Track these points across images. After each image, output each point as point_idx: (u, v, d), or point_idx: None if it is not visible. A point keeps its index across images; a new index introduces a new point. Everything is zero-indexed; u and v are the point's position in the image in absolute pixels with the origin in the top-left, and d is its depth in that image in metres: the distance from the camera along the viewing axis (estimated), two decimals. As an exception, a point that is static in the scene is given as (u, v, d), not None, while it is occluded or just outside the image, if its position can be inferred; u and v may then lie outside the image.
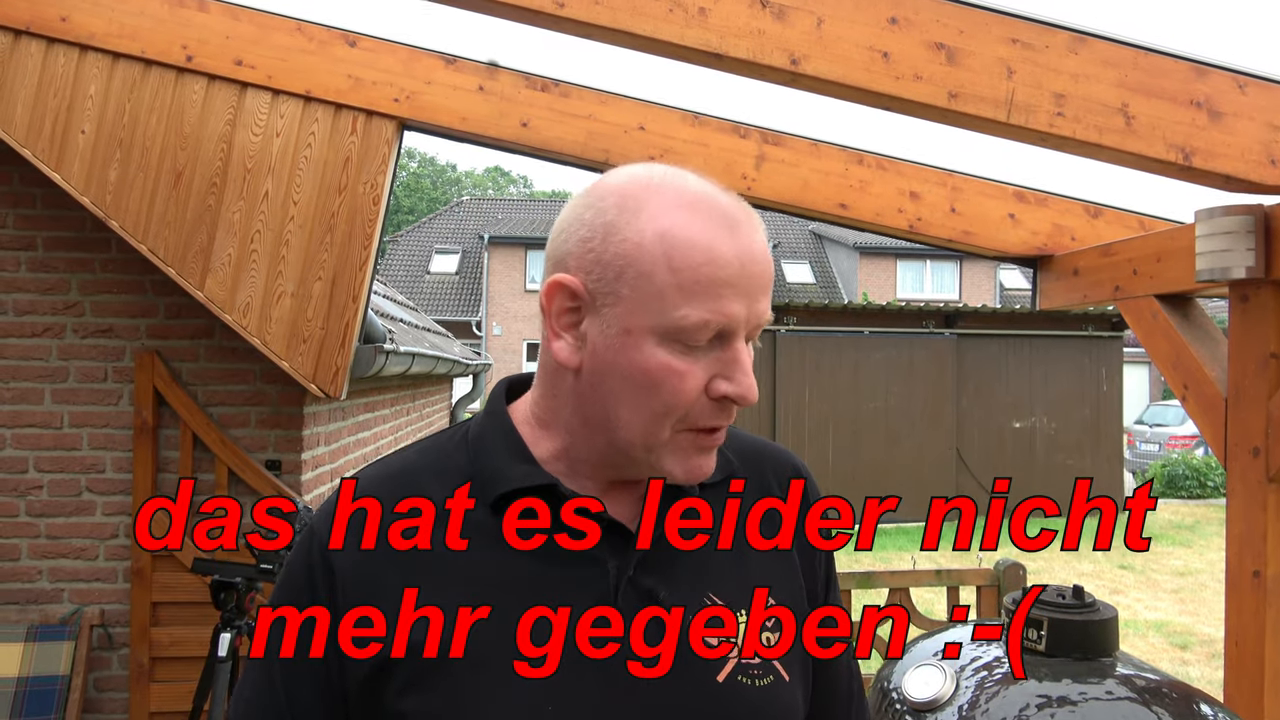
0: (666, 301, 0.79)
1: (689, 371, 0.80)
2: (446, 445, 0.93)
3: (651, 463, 0.84)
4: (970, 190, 2.86)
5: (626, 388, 0.82)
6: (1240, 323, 2.11)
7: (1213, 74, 1.83)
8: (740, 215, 0.83)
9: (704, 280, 0.78)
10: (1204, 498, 14.39)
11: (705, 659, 0.85)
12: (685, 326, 0.79)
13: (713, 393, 0.81)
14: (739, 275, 0.79)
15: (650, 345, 0.80)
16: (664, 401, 0.81)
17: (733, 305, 0.79)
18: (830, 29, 1.79)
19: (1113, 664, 1.37)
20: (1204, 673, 6.06)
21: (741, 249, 0.80)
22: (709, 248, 0.79)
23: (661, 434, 0.82)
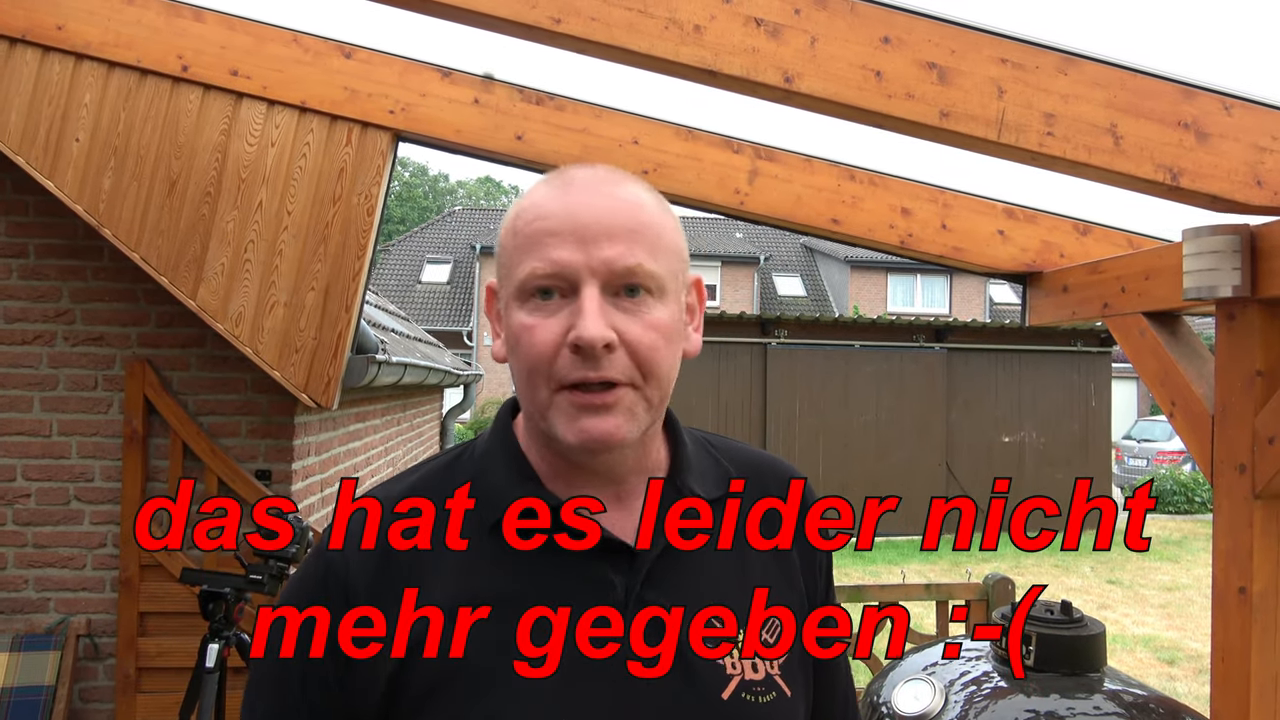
0: (513, 264, 0.85)
1: (540, 325, 0.83)
2: (451, 464, 0.94)
3: (550, 433, 0.85)
4: (961, 207, 2.88)
5: (513, 359, 0.86)
6: (1227, 341, 2.13)
7: (1200, 95, 1.86)
8: (581, 177, 0.86)
9: (533, 234, 0.83)
10: (1191, 513, 14.45)
11: (709, 678, 0.86)
12: (523, 279, 0.83)
13: (568, 342, 0.82)
14: (564, 223, 0.82)
15: (514, 311, 0.85)
16: (527, 358, 0.83)
17: (559, 251, 0.82)
18: (824, 48, 1.81)
19: (1100, 679, 1.38)
20: (1191, 688, 6.08)
21: (570, 201, 0.84)
22: (537, 205, 0.85)
23: (539, 395, 0.84)
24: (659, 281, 0.84)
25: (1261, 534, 2.07)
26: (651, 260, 0.83)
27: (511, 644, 0.82)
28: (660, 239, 0.86)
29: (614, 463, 0.89)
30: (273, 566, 2.82)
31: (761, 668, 0.89)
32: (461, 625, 0.82)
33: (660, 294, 0.85)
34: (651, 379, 0.84)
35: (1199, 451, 2.25)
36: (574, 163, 2.83)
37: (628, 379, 0.83)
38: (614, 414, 0.83)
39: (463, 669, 0.81)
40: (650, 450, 0.92)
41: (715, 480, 0.96)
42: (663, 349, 0.84)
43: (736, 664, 0.87)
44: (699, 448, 0.98)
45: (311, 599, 0.86)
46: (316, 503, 3.82)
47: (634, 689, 0.83)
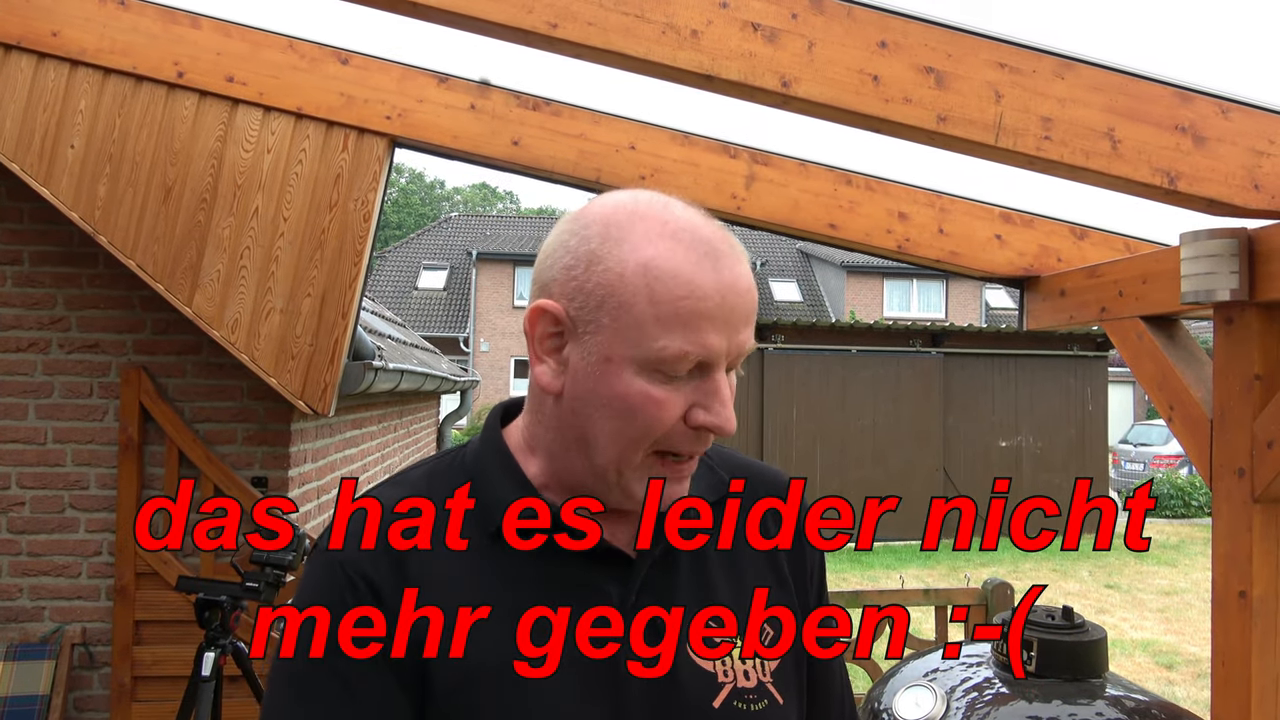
0: (646, 333, 0.80)
1: (667, 400, 0.81)
2: (444, 472, 0.93)
3: (622, 486, 0.85)
4: (958, 211, 2.88)
5: (605, 414, 0.82)
6: (1225, 344, 2.13)
7: (1197, 99, 1.86)
8: (723, 247, 0.83)
9: (684, 313, 0.79)
10: (1188, 517, 14.46)
11: (701, 686, 0.86)
12: (664, 357, 0.79)
13: (691, 421, 0.82)
14: (719, 307, 0.80)
15: (629, 374, 0.81)
16: (640, 428, 0.82)
17: (711, 337, 0.80)
18: (821, 52, 1.81)
19: (1102, 685, 1.38)
20: (1190, 692, 6.08)
21: (723, 282, 0.80)
22: (690, 280, 0.80)
23: (635, 458, 0.83)
24: None
25: (1261, 538, 2.07)
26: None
27: (510, 646, 0.82)
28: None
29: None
30: (269, 574, 2.81)
31: (754, 675, 0.89)
32: (461, 626, 0.82)
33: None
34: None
35: (1198, 456, 2.25)
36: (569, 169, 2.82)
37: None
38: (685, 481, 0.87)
39: (462, 670, 0.81)
40: None
41: (710, 485, 0.96)
42: None
43: (729, 671, 0.87)
44: None
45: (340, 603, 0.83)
46: (313, 510, 3.80)
47: (627, 697, 0.83)
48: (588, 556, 0.86)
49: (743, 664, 0.88)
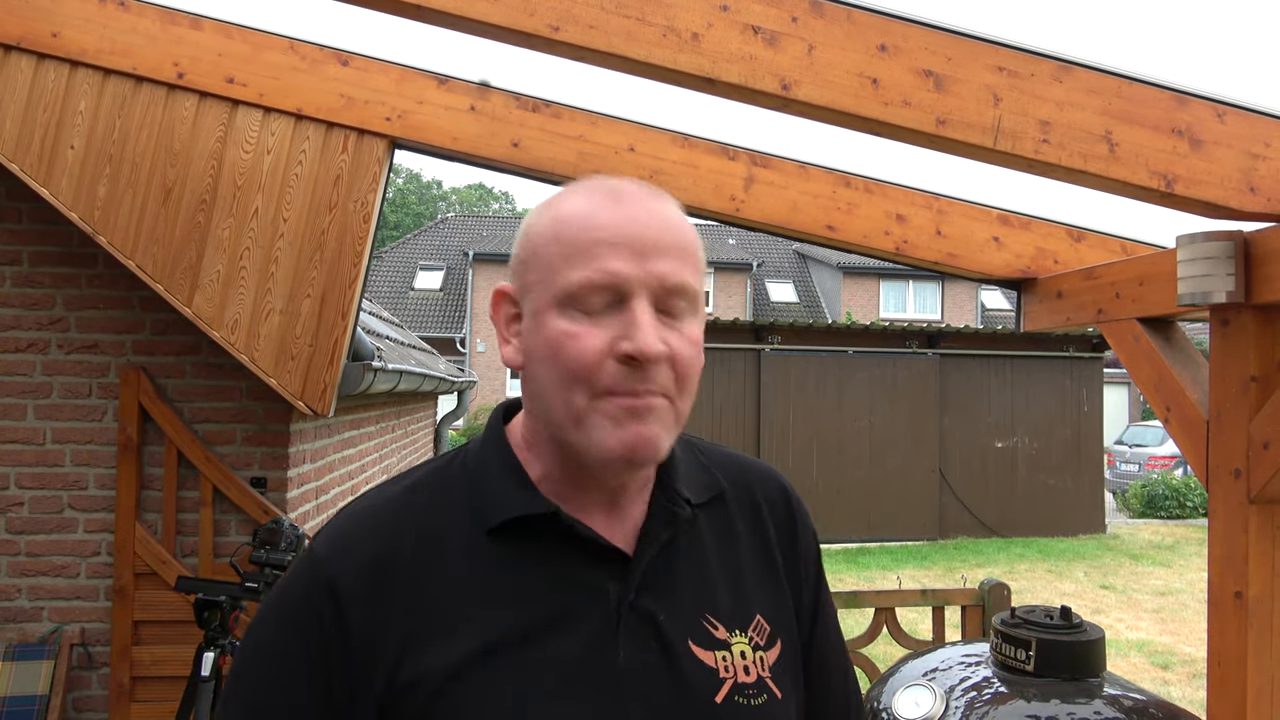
0: (555, 271, 0.83)
1: (584, 333, 0.82)
2: (444, 471, 0.93)
3: (585, 443, 0.84)
4: (955, 213, 2.89)
5: (543, 368, 0.85)
6: (1221, 346, 2.15)
7: (1193, 103, 1.87)
8: (633, 190, 0.86)
9: (584, 242, 0.82)
10: (1184, 518, 14.49)
11: (702, 681, 0.86)
12: (572, 289, 0.82)
13: (616, 353, 0.82)
14: (618, 234, 0.82)
15: (552, 318, 0.83)
16: (567, 366, 0.82)
17: (613, 262, 0.81)
18: (821, 55, 1.82)
19: (1100, 684, 1.39)
20: (1185, 692, 6.10)
21: (623, 212, 0.84)
22: (588, 214, 0.84)
23: (578, 402, 0.83)
24: (696, 298, 0.86)
25: (1257, 538, 2.08)
26: (694, 277, 0.86)
27: (513, 669, 0.82)
28: (698, 257, 0.88)
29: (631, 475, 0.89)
30: (268, 575, 2.81)
31: (754, 670, 0.89)
32: (459, 630, 0.82)
33: (695, 310, 0.87)
34: (685, 393, 0.86)
35: (1194, 457, 2.26)
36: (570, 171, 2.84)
37: (665, 391, 0.84)
38: (655, 421, 0.83)
39: (462, 674, 0.81)
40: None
41: (704, 485, 0.97)
42: (697, 365, 0.86)
43: (730, 667, 0.88)
44: (688, 453, 0.99)
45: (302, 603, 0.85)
46: (311, 510, 3.81)
47: (628, 694, 0.83)
48: (586, 554, 0.87)
49: (742, 659, 0.89)
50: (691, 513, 0.92)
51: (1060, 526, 12.44)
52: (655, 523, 0.90)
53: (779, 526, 1.00)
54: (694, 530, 0.93)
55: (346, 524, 0.89)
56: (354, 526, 0.88)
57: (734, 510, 0.98)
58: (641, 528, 0.90)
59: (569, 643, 0.83)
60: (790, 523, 1.01)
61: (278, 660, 0.85)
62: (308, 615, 0.84)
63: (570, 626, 0.84)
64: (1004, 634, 1.49)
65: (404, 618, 0.83)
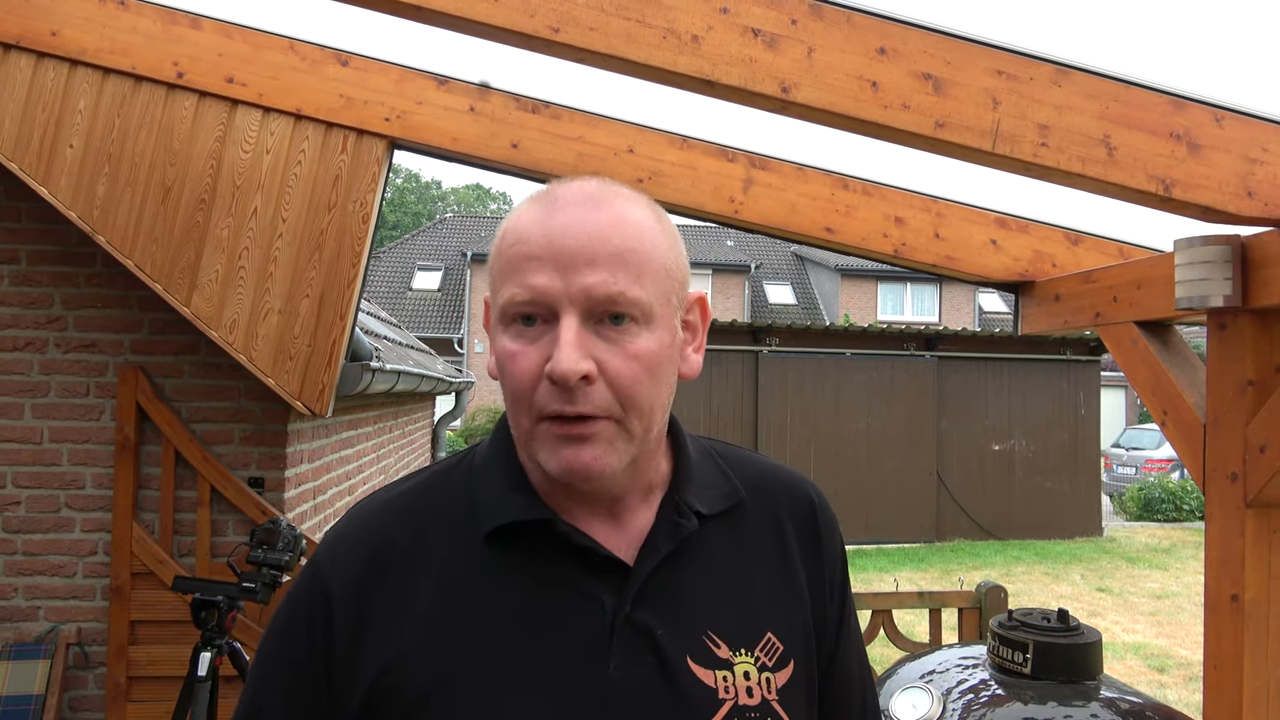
0: (495, 288, 0.83)
1: (520, 353, 0.81)
2: (450, 472, 0.93)
3: (538, 461, 0.83)
4: (953, 216, 2.90)
5: (501, 383, 0.84)
6: (1218, 350, 2.15)
7: (1191, 107, 1.88)
8: (568, 196, 0.82)
9: (514, 258, 0.81)
10: (1180, 521, 14.51)
11: (699, 701, 0.83)
12: (504, 306, 0.81)
13: (545, 373, 0.79)
14: (543, 249, 0.80)
15: (499, 335, 0.83)
16: (509, 386, 0.82)
17: (536, 278, 0.79)
18: (820, 58, 1.83)
19: (1097, 687, 1.39)
20: (1181, 695, 6.10)
21: (551, 225, 0.81)
22: (517, 229, 0.82)
23: (524, 423, 0.82)
24: (644, 308, 0.80)
25: (1254, 542, 2.09)
26: (636, 286, 0.79)
27: (507, 680, 0.80)
28: (648, 262, 0.81)
29: (603, 487, 0.86)
30: (266, 575, 2.81)
31: (758, 692, 0.85)
32: (451, 635, 0.82)
33: (647, 320, 0.81)
34: (632, 411, 0.81)
35: (1191, 460, 2.26)
36: (568, 171, 2.85)
37: (605, 412, 0.80)
38: (592, 445, 0.80)
39: (451, 679, 0.80)
40: (648, 468, 0.89)
41: (722, 494, 0.92)
42: (645, 380, 0.81)
43: (730, 687, 0.84)
44: (706, 459, 0.95)
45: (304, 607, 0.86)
46: (309, 510, 3.81)
47: (619, 709, 0.81)
48: (583, 563, 0.84)
49: (745, 680, 0.85)
50: (699, 525, 0.88)
51: (1057, 529, 12.45)
52: (658, 534, 0.87)
53: (802, 538, 0.95)
54: (702, 543, 0.89)
55: (347, 527, 0.89)
56: (353, 530, 0.88)
57: (752, 521, 0.93)
58: (645, 538, 0.87)
59: (559, 652, 0.81)
60: (814, 534, 0.96)
61: (279, 662, 0.86)
62: (304, 620, 0.85)
63: (561, 635, 0.82)
64: (1001, 636, 1.49)
65: (392, 623, 0.82)
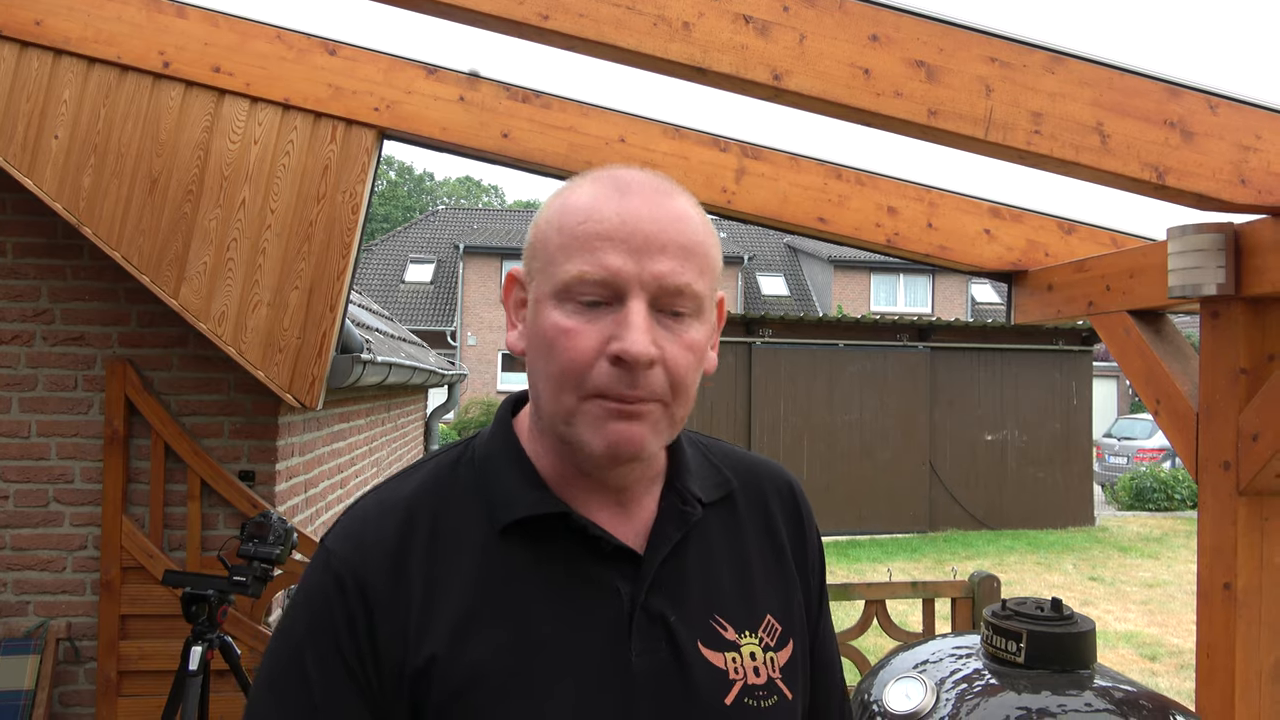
0: (554, 262, 0.82)
1: (580, 330, 0.81)
2: (453, 466, 0.91)
3: (571, 439, 0.83)
4: (947, 206, 2.89)
5: (538, 357, 0.84)
6: (1211, 338, 2.15)
7: (1185, 94, 1.87)
8: (638, 182, 0.84)
9: (582, 235, 0.81)
10: (1171, 510, 14.58)
11: (712, 683, 0.86)
12: (568, 281, 0.81)
13: (607, 353, 0.80)
14: (617, 229, 0.80)
15: (549, 309, 0.82)
16: (559, 363, 0.81)
17: (610, 257, 0.80)
18: (812, 45, 1.81)
19: (1090, 676, 1.39)
20: (1173, 683, 6.13)
21: (626, 208, 0.81)
22: (590, 207, 0.82)
23: (566, 400, 0.82)
24: (700, 302, 0.83)
25: (1246, 530, 2.09)
26: (699, 280, 0.83)
27: (525, 671, 0.81)
28: (708, 258, 0.85)
29: (624, 473, 0.87)
30: (256, 568, 2.80)
31: (764, 671, 0.89)
32: (480, 631, 0.81)
33: (698, 314, 0.84)
34: (680, 398, 0.83)
35: (1184, 448, 2.26)
36: (560, 163, 2.82)
37: (659, 396, 0.82)
38: (641, 423, 0.81)
39: (484, 674, 0.80)
40: (655, 458, 0.92)
41: (715, 483, 0.95)
42: (695, 370, 0.84)
43: (740, 668, 0.87)
44: (696, 451, 0.98)
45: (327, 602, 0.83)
46: (300, 504, 3.79)
47: (639, 695, 0.82)
48: (597, 554, 0.86)
49: (752, 660, 0.88)
50: (703, 512, 0.91)
51: (1049, 519, 12.51)
52: (667, 522, 0.89)
53: (789, 523, 1.00)
54: (704, 530, 0.92)
55: (358, 520, 0.87)
56: (366, 523, 0.87)
57: (743, 509, 0.97)
58: (653, 527, 0.89)
59: (583, 643, 0.83)
60: (798, 517, 1.01)
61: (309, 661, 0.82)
62: (340, 611, 0.82)
63: (584, 626, 0.83)
64: (995, 626, 1.48)
65: (420, 616, 0.82)
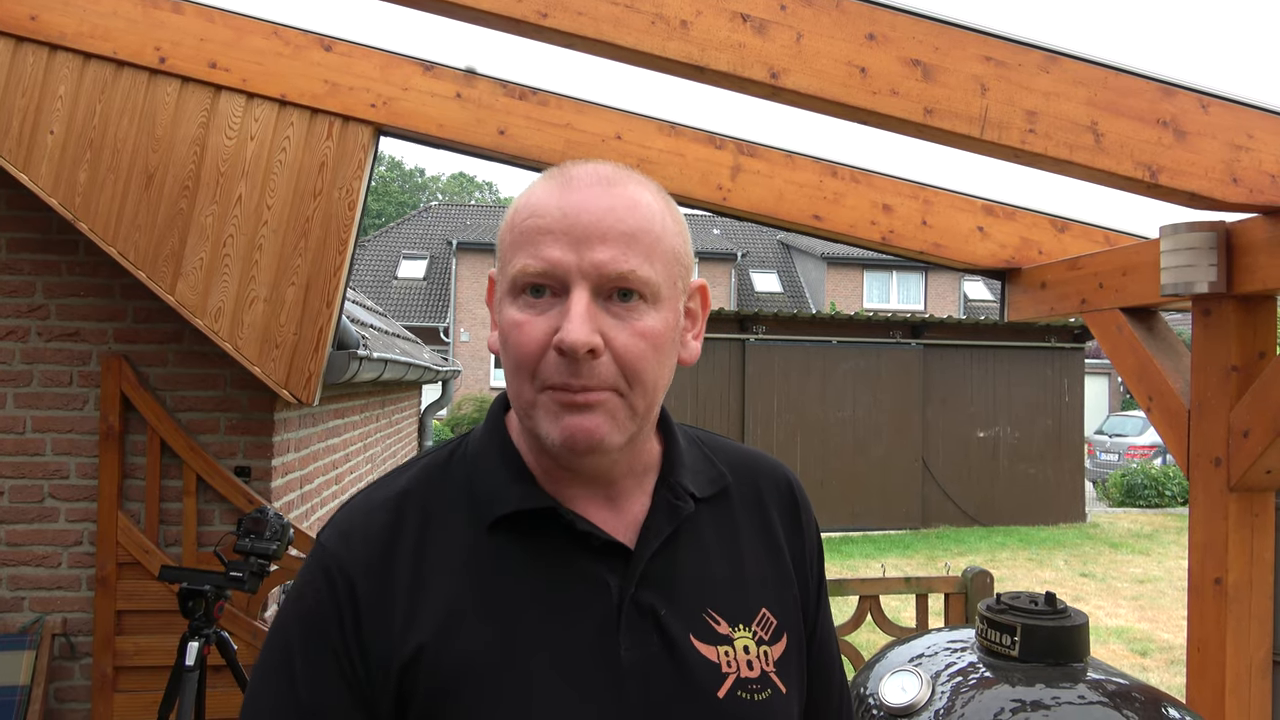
0: (506, 258, 0.85)
1: (528, 322, 0.82)
2: (445, 463, 0.92)
3: (535, 431, 0.84)
4: (941, 203, 2.91)
5: (503, 355, 0.85)
6: (1203, 336, 2.17)
7: (1178, 94, 1.88)
8: (583, 176, 0.85)
9: (528, 230, 0.83)
10: (1162, 507, 14.67)
11: (705, 676, 0.86)
12: (514, 275, 0.83)
13: (553, 344, 0.81)
14: (558, 222, 0.82)
15: (506, 306, 0.84)
16: (513, 356, 0.83)
17: (551, 250, 0.81)
18: (809, 44, 1.82)
19: (1084, 669, 1.41)
20: (1163, 678, 6.18)
21: (567, 200, 0.83)
22: (533, 203, 0.85)
23: (526, 393, 0.84)
24: (653, 288, 0.83)
25: (1236, 526, 2.11)
26: (646, 265, 0.82)
27: (516, 666, 0.81)
28: (658, 244, 0.84)
29: (602, 466, 0.87)
30: (253, 564, 2.80)
31: (757, 665, 0.89)
32: (458, 624, 0.82)
33: (654, 300, 0.83)
34: (637, 387, 0.83)
35: (1175, 445, 2.29)
36: (556, 159, 2.83)
37: (611, 385, 0.81)
38: (595, 413, 0.81)
39: (472, 670, 0.80)
40: (642, 452, 0.91)
41: (709, 478, 0.96)
42: (650, 357, 0.83)
43: (733, 661, 0.87)
44: (691, 445, 0.98)
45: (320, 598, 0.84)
46: (296, 499, 3.79)
47: (630, 689, 0.83)
48: (587, 549, 0.86)
49: (745, 654, 0.88)
50: (695, 507, 0.91)
51: (1041, 515, 12.56)
52: (658, 516, 0.89)
53: (785, 518, 0.99)
54: (697, 524, 0.92)
55: (351, 518, 0.88)
56: (359, 520, 0.87)
57: (739, 504, 0.97)
58: (644, 521, 0.89)
59: (571, 637, 0.83)
60: (795, 514, 1.00)
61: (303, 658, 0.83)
62: (329, 608, 0.83)
63: (572, 621, 0.83)
64: (989, 620, 1.50)
65: (410, 611, 0.82)
